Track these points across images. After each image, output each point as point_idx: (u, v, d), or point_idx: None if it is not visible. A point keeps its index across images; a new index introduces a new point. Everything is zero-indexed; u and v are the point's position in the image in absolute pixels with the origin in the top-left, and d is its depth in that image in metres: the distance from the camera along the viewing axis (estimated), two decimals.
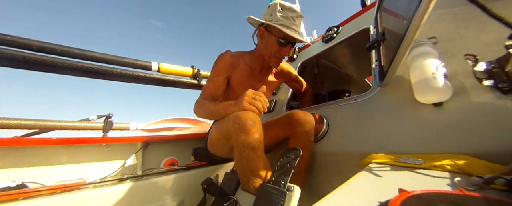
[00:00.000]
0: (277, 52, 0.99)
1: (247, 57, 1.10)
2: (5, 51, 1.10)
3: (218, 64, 1.03)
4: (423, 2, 0.41)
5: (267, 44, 1.01)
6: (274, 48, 0.99)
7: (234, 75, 1.06)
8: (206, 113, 0.95)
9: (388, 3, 0.78)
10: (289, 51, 1.00)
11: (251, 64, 1.09)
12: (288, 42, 0.97)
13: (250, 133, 0.72)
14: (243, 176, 0.73)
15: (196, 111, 1.01)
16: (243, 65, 1.07)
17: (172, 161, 1.30)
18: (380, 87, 0.85)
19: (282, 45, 0.97)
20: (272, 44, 0.99)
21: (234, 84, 1.07)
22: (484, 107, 0.56)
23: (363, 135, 0.83)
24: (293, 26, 0.95)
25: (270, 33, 0.98)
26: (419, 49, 0.68)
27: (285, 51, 0.99)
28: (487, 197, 0.33)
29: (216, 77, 1.03)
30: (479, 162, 0.48)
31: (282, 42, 0.96)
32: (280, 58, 1.03)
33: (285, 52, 0.99)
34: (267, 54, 1.02)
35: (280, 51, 0.99)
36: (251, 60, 1.09)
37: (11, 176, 0.89)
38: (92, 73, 1.38)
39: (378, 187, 0.44)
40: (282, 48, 0.98)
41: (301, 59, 1.49)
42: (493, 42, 0.58)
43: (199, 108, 0.98)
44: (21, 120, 1.16)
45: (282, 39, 0.96)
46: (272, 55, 1.01)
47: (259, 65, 1.10)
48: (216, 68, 1.03)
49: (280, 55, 1.01)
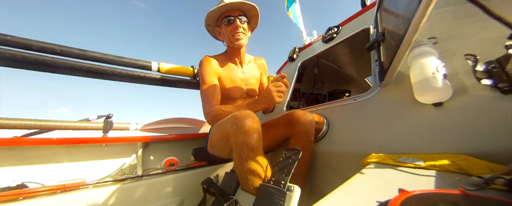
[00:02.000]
0: (231, 31, 1.06)
1: (224, 55, 1.19)
2: (5, 51, 1.10)
3: (204, 67, 1.08)
4: (423, 2, 0.41)
5: (224, 34, 1.10)
6: (227, 31, 1.07)
7: (222, 73, 1.12)
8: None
9: (388, 3, 0.78)
10: (237, 24, 1.05)
11: (231, 59, 1.17)
12: (231, 17, 1.04)
13: (249, 133, 0.72)
14: (243, 177, 0.73)
15: (212, 123, 1.00)
16: (225, 62, 1.15)
17: (172, 161, 1.30)
18: (380, 87, 0.85)
19: (229, 23, 1.05)
20: (225, 29, 1.07)
21: (223, 80, 1.12)
22: (484, 107, 0.56)
23: (363, 135, 0.83)
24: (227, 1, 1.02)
25: (219, 24, 1.10)
26: (419, 49, 0.68)
27: (235, 26, 1.05)
28: (487, 197, 0.33)
29: (209, 78, 1.06)
30: (479, 162, 0.48)
31: (227, 21, 1.05)
32: (238, 34, 1.06)
33: (236, 27, 1.05)
34: (228, 40, 1.09)
35: (232, 28, 1.05)
36: (229, 56, 1.17)
37: (11, 176, 0.89)
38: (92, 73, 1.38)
39: (378, 187, 0.44)
40: (232, 25, 1.05)
41: (301, 59, 1.49)
42: (495, 39, 0.57)
43: (217, 118, 0.94)
44: (21, 120, 1.16)
45: (226, 20, 1.04)
46: (231, 38, 1.07)
47: (237, 59, 1.18)
48: (205, 71, 1.07)
49: (235, 32, 1.06)
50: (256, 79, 1.24)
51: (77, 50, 1.30)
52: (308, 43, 1.54)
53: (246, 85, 1.18)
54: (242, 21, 1.06)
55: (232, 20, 1.04)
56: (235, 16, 1.05)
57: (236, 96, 1.15)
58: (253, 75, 1.22)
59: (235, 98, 1.15)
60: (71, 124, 1.35)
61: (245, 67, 1.21)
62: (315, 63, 1.75)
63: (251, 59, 1.28)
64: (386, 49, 0.77)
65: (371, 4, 1.12)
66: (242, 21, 1.06)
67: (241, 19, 1.06)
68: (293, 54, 1.57)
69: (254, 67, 1.25)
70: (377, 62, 0.90)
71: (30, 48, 1.18)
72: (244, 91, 1.17)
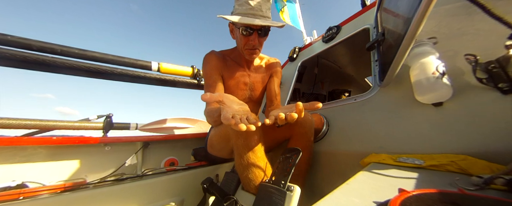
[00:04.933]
0: (245, 44, 0.95)
1: (232, 54, 1.08)
2: (5, 51, 1.10)
3: (207, 65, 1.02)
4: (423, 2, 0.41)
5: (237, 39, 0.99)
6: (242, 41, 0.95)
7: (225, 73, 1.04)
8: (212, 121, 0.93)
9: (388, 3, 0.78)
10: (255, 40, 0.93)
11: (238, 60, 1.08)
12: (251, 30, 0.91)
13: (249, 135, 0.72)
14: (244, 177, 0.74)
15: (208, 121, 0.98)
16: (230, 62, 1.06)
17: (172, 161, 1.30)
18: (380, 87, 0.85)
19: (246, 35, 0.92)
20: (239, 37, 0.95)
21: (226, 82, 1.05)
22: (484, 106, 0.56)
23: (363, 135, 0.83)
24: (251, 11, 0.89)
25: (235, 27, 0.95)
26: (419, 49, 0.68)
27: (251, 41, 0.93)
28: (487, 197, 0.33)
29: (212, 78, 1.00)
30: (479, 162, 0.48)
31: (245, 33, 0.91)
32: (252, 49, 0.97)
33: (252, 41, 0.93)
34: (240, 48, 1.00)
35: (247, 41, 0.94)
36: (236, 57, 1.08)
37: (11, 176, 0.89)
38: (92, 73, 1.38)
39: (378, 187, 0.44)
40: (248, 38, 0.93)
41: (301, 59, 1.49)
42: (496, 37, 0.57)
43: (208, 118, 0.93)
44: (21, 120, 1.16)
45: (243, 30, 0.91)
46: (243, 48, 0.98)
47: (245, 60, 1.08)
48: (208, 70, 1.01)
49: (250, 46, 0.95)
50: (263, 83, 1.14)
51: (77, 50, 1.30)
52: (308, 43, 1.54)
53: (250, 90, 1.10)
54: (260, 35, 0.94)
55: (250, 33, 0.91)
56: (255, 30, 0.91)
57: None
58: (260, 80, 1.11)
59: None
60: (71, 124, 1.35)
61: (253, 70, 1.10)
62: (315, 63, 1.75)
63: (263, 60, 1.15)
64: (386, 49, 0.77)
65: (371, 4, 1.12)
66: (260, 36, 0.94)
67: (261, 33, 0.93)
68: (293, 54, 1.57)
69: (263, 70, 1.13)
70: (377, 62, 0.90)
71: (30, 48, 1.18)
72: (247, 96, 1.11)
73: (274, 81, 1.14)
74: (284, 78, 1.57)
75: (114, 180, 1.00)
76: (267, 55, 1.19)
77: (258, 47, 0.97)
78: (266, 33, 0.95)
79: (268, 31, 0.96)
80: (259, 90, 1.13)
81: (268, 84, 1.16)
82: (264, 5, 0.91)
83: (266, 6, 0.92)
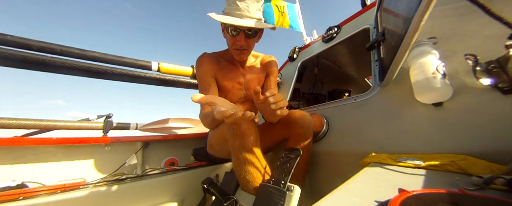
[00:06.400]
0: (233, 44, 0.94)
1: (225, 55, 1.08)
2: (5, 51, 1.10)
3: (200, 68, 1.01)
4: (423, 2, 0.41)
5: (227, 39, 0.98)
6: (230, 41, 0.94)
7: (219, 75, 1.03)
8: (208, 124, 0.93)
9: (388, 3, 0.78)
10: (242, 40, 0.91)
11: (231, 61, 1.07)
12: (238, 31, 0.90)
13: (245, 136, 0.72)
14: (242, 178, 0.73)
15: (204, 124, 0.98)
16: (224, 63, 1.06)
17: (172, 161, 1.30)
18: (380, 87, 0.85)
19: (233, 35, 0.91)
20: (228, 37, 0.95)
21: (221, 83, 1.04)
22: (484, 106, 0.56)
23: (363, 135, 0.83)
24: (236, 11, 0.87)
25: (225, 26, 0.95)
26: (419, 49, 0.68)
27: (238, 41, 0.92)
28: (487, 197, 0.33)
29: (205, 81, 1.00)
30: (479, 162, 0.48)
31: (232, 33, 0.91)
32: (239, 49, 0.95)
33: (238, 42, 0.92)
34: (229, 48, 0.99)
35: (235, 42, 0.93)
36: (230, 57, 1.06)
37: (11, 176, 0.89)
38: (92, 73, 1.38)
39: (378, 187, 0.44)
40: (235, 38, 0.92)
41: (301, 59, 1.49)
42: (497, 36, 0.57)
43: (203, 122, 0.94)
44: (21, 120, 1.16)
45: (232, 30, 0.90)
46: (231, 48, 0.97)
47: (239, 61, 1.07)
48: (200, 73, 1.01)
49: (237, 46, 0.94)
50: (259, 82, 1.12)
51: (77, 50, 1.30)
52: (308, 43, 1.54)
53: (245, 90, 1.09)
54: (248, 36, 0.92)
55: (237, 33, 0.90)
56: (241, 30, 0.90)
57: (234, 101, 1.08)
58: (255, 78, 1.10)
59: (232, 102, 1.13)
60: (71, 124, 1.35)
61: (247, 69, 1.09)
62: (315, 63, 1.75)
63: (258, 59, 1.14)
64: (386, 49, 0.77)
65: (371, 4, 1.12)
66: (248, 36, 0.92)
67: (249, 34, 0.91)
68: (293, 54, 1.57)
69: (258, 69, 1.12)
70: (377, 62, 0.90)
71: (30, 48, 1.18)
72: (243, 95, 1.10)
73: (271, 80, 1.14)
74: (284, 78, 1.57)
75: (114, 180, 1.00)
76: (262, 53, 1.18)
77: (246, 48, 0.96)
78: (255, 34, 0.94)
79: (257, 32, 0.95)
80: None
81: (264, 83, 1.15)
82: (253, 6, 0.90)
83: (255, 7, 0.91)
